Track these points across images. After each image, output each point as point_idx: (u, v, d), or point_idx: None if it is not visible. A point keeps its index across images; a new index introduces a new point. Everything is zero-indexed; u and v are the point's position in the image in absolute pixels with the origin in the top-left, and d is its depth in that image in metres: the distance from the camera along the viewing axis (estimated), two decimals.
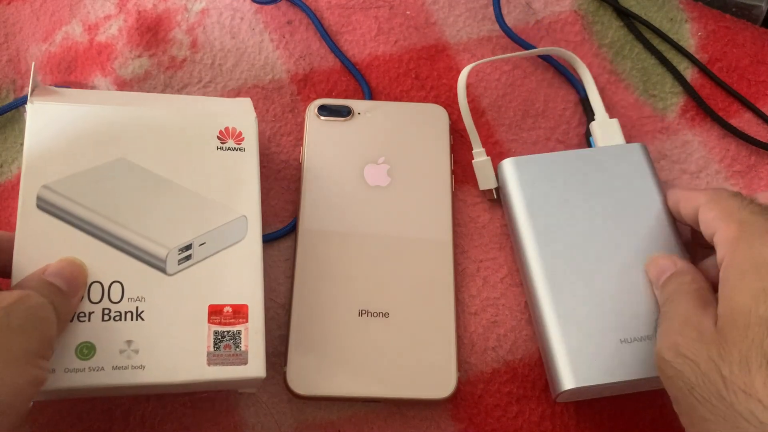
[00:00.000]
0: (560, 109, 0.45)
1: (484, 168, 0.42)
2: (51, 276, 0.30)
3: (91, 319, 0.31)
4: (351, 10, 0.47)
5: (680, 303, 0.32)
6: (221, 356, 0.32)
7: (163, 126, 0.36)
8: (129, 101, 0.37)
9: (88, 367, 0.31)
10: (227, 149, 0.36)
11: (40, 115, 0.34)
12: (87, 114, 0.35)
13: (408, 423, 0.37)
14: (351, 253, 0.39)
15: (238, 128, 0.36)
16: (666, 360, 0.30)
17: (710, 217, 0.33)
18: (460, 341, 0.38)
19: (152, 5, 0.46)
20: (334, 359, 0.36)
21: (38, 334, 0.28)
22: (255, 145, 0.36)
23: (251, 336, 0.33)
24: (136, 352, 0.31)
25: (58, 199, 0.33)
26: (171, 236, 0.33)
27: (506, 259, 0.41)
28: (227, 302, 0.33)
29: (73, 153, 0.34)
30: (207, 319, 0.32)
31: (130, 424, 0.36)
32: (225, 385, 0.34)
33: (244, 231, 0.34)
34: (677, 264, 0.35)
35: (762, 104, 0.45)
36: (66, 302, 0.30)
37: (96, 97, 0.37)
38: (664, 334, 0.31)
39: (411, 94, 0.45)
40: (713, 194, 0.34)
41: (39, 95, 0.35)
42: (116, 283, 0.32)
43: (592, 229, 0.38)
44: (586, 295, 0.36)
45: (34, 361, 0.27)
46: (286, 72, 0.45)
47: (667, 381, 0.30)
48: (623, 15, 0.48)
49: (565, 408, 0.38)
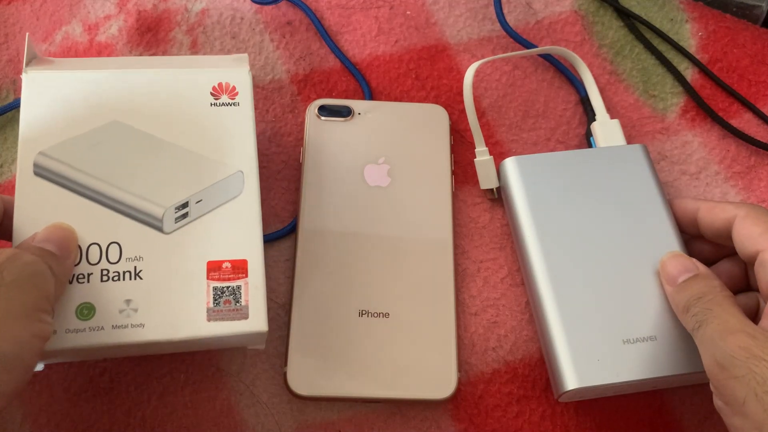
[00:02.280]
0: (560, 110, 0.45)
1: (485, 167, 0.42)
2: (40, 242, 0.31)
3: (90, 280, 0.32)
4: (351, 10, 0.47)
5: (725, 306, 0.32)
6: (221, 312, 0.32)
7: (156, 86, 0.36)
8: (124, 65, 0.37)
9: (88, 327, 0.31)
10: (221, 105, 0.36)
11: (35, 84, 0.35)
12: (81, 80, 0.35)
13: (408, 423, 0.37)
14: (351, 253, 0.39)
15: (231, 83, 0.36)
16: (737, 360, 0.29)
17: (755, 232, 0.33)
18: (461, 341, 0.38)
19: (152, 5, 0.46)
20: (334, 359, 0.36)
21: (34, 289, 0.28)
22: (250, 100, 0.36)
23: (251, 291, 0.32)
24: (135, 311, 0.31)
25: (54, 164, 0.33)
26: (167, 195, 0.33)
27: (507, 259, 0.41)
28: (226, 258, 0.33)
29: (68, 119, 0.34)
30: (206, 276, 0.32)
31: (130, 424, 0.36)
32: (229, 342, 0.34)
33: (240, 186, 0.34)
34: (699, 267, 0.35)
35: (762, 104, 0.45)
36: (60, 264, 0.31)
37: (90, 64, 0.38)
38: (722, 334, 0.31)
39: (411, 95, 0.45)
40: (751, 209, 0.34)
41: (34, 65, 0.36)
42: (114, 244, 0.32)
43: (594, 229, 0.38)
44: (588, 295, 0.36)
45: (35, 315, 0.28)
46: (286, 72, 0.45)
47: (733, 381, 0.29)
48: (624, 15, 0.48)
49: (565, 408, 0.38)
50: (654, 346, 0.35)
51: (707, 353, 0.31)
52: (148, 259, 0.32)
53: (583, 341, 0.35)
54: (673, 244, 0.37)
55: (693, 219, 0.37)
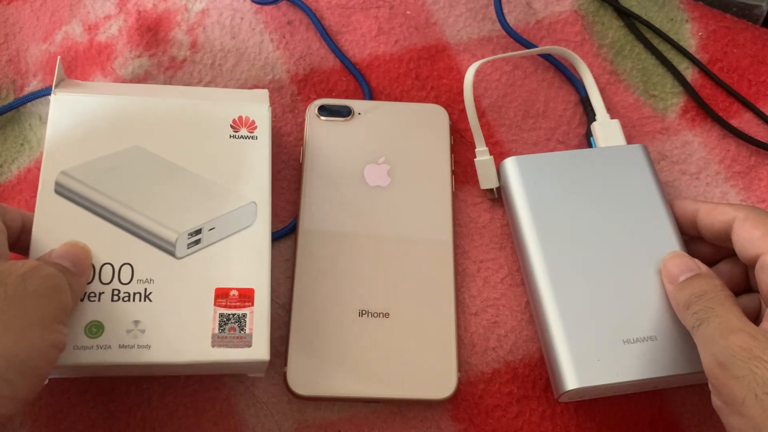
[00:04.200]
0: (561, 110, 0.45)
1: (486, 167, 0.42)
2: (57, 258, 0.32)
3: (101, 299, 0.32)
4: (351, 10, 0.47)
5: (727, 305, 0.32)
6: (226, 338, 0.32)
7: (178, 115, 0.37)
8: (147, 92, 0.39)
9: (96, 345, 0.32)
10: (240, 137, 0.37)
11: (62, 106, 0.36)
12: (105, 104, 0.36)
13: (408, 423, 0.37)
14: (351, 253, 0.39)
15: (251, 117, 0.37)
16: (738, 360, 0.29)
17: (756, 235, 0.33)
18: (461, 342, 0.38)
19: (152, 5, 0.46)
20: (334, 359, 0.36)
21: (54, 300, 0.29)
22: (268, 134, 0.37)
23: (256, 319, 0.33)
24: (143, 332, 0.32)
25: (75, 184, 0.34)
26: (181, 221, 0.34)
27: (507, 259, 0.41)
28: (234, 285, 0.34)
29: (91, 141, 0.35)
30: (213, 302, 0.33)
31: (130, 424, 0.36)
32: (231, 368, 0.35)
33: (253, 217, 0.35)
34: (701, 267, 0.35)
35: (762, 104, 0.45)
36: (75, 280, 0.31)
37: (117, 89, 0.39)
38: (723, 333, 0.31)
39: (411, 94, 0.45)
40: (751, 211, 0.34)
41: (62, 87, 0.37)
42: (126, 265, 0.33)
43: (594, 229, 0.38)
44: (588, 295, 0.36)
45: (52, 326, 0.29)
46: (286, 72, 0.45)
47: (733, 380, 0.29)
48: (624, 15, 0.48)
49: (565, 408, 0.38)
50: (654, 346, 0.35)
51: (707, 351, 0.31)
52: (158, 282, 0.33)
53: (583, 341, 0.35)
54: (672, 244, 0.37)
55: (693, 220, 0.37)
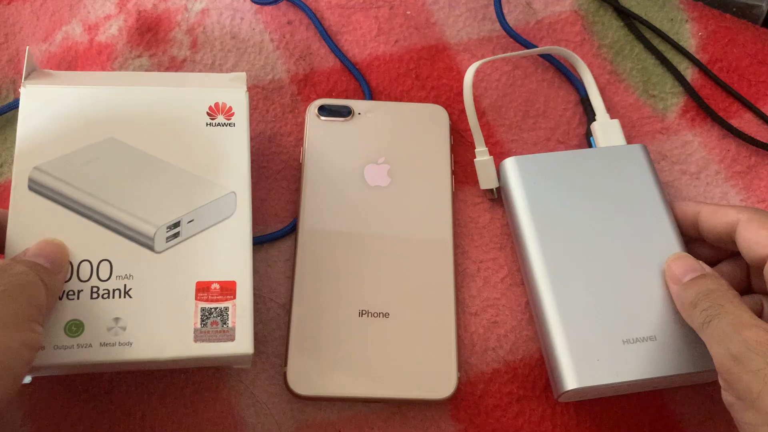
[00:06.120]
0: (560, 110, 0.45)
1: (485, 167, 0.42)
2: (32, 256, 0.31)
3: (80, 297, 0.32)
4: (351, 10, 0.47)
5: (736, 303, 0.32)
6: (208, 333, 0.32)
7: (153, 104, 0.36)
8: (122, 81, 0.37)
9: (76, 344, 0.31)
10: (217, 125, 0.36)
11: (32, 99, 0.35)
12: (78, 95, 0.35)
13: (408, 423, 0.37)
14: (351, 253, 0.39)
15: (228, 103, 0.36)
16: (754, 354, 0.29)
17: (762, 236, 0.33)
18: (461, 341, 0.38)
19: (152, 5, 0.46)
20: (334, 359, 0.36)
21: (25, 298, 0.29)
22: (245, 120, 0.36)
23: (239, 312, 0.33)
24: (124, 329, 0.32)
25: (49, 179, 0.33)
26: (159, 214, 0.33)
27: (506, 259, 0.41)
28: (215, 279, 0.33)
29: (64, 134, 0.34)
30: (194, 296, 0.33)
31: (130, 424, 0.36)
32: (216, 362, 0.34)
33: (233, 207, 0.35)
34: (705, 267, 0.35)
35: (762, 104, 0.45)
36: (52, 278, 0.31)
37: (90, 79, 0.38)
38: (737, 328, 0.31)
39: (411, 94, 0.45)
40: (755, 213, 0.34)
41: (33, 78, 0.36)
42: (105, 261, 0.33)
43: (594, 229, 0.38)
44: (588, 295, 0.36)
45: (26, 324, 0.28)
46: (286, 72, 0.45)
47: (748, 374, 0.29)
48: (623, 15, 0.48)
49: (565, 408, 0.38)
50: (654, 346, 0.35)
51: (720, 346, 0.31)
52: (138, 278, 0.32)
53: (583, 341, 0.35)
54: (672, 243, 0.37)
55: (694, 222, 0.37)
